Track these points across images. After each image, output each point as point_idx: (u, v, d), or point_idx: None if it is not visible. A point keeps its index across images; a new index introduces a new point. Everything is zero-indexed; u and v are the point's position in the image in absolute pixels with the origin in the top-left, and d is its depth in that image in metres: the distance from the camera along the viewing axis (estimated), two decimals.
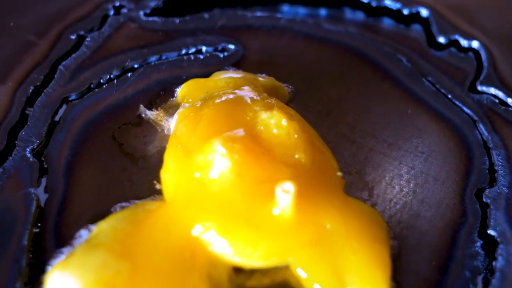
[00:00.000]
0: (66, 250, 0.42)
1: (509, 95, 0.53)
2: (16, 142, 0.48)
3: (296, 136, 0.45)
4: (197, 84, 0.52)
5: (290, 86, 0.53)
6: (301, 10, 0.61)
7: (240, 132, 0.44)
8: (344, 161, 0.48)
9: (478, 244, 0.44)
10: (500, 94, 0.53)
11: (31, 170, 0.46)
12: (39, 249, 0.42)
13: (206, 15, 0.59)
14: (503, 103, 0.53)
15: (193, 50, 0.56)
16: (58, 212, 0.44)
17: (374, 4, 0.60)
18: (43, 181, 0.46)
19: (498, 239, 0.44)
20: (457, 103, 0.53)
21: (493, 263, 0.43)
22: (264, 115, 0.45)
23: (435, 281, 0.43)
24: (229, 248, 0.41)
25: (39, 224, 0.43)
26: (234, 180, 0.42)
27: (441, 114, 0.52)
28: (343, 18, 0.60)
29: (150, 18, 0.58)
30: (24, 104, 0.50)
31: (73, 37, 0.56)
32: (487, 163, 0.49)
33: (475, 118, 0.52)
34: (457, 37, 0.58)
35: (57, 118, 0.50)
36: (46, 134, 0.49)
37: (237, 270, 0.42)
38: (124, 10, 0.59)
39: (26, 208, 0.44)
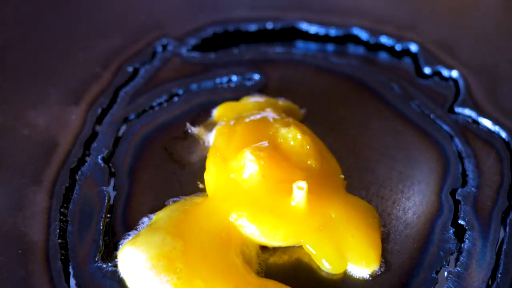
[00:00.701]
0: (132, 233, 0.48)
1: (480, 115, 0.59)
2: (89, 151, 0.54)
3: (308, 147, 0.51)
4: (230, 106, 0.58)
5: (304, 108, 0.59)
6: (313, 46, 0.66)
7: (265, 143, 0.50)
8: (346, 166, 0.53)
9: (451, 231, 0.50)
10: (473, 114, 0.59)
11: (102, 173, 0.53)
12: (111, 233, 0.49)
13: (236, 51, 0.65)
14: (475, 122, 0.59)
15: (225, 79, 0.61)
16: (125, 205, 0.51)
17: (372, 41, 0.66)
18: (112, 181, 0.52)
19: (466, 227, 0.50)
20: (437, 121, 0.58)
21: (462, 245, 0.49)
22: (283, 131, 0.51)
23: (416, 259, 0.49)
24: (257, 230, 0.47)
25: (109, 216, 0.50)
26: (261, 180, 0.48)
27: (425, 131, 0.58)
28: (347, 53, 0.66)
29: (191, 54, 0.64)
30: (94, 123, 0.57)
31: (130, 69, 0.62)
32: (461, 169, 0.55)
33: (452, 134, 0.58)
34: (439, 68, 0.63)
35: (120, 133, 0.56)
36: (112, 146, 0.55)
37: (263, 248, 0.48)
38: (170, 48, 0.64)
39: (100, 201, 0.51)
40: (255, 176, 0.49)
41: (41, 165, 0.53)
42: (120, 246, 0.48)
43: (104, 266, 0.47)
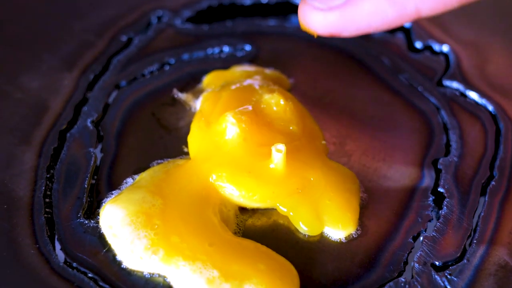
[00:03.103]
0: (115, 192, 0.49)
1: (468, 88, 0.60)
2: (80, 115, 0.55)
3: (290, 113, 0.52)
4: (218, 74, 0.59)
5: (292, 78, 0.60)
6: None
7: (248, 108, 0.51)
8: (330, 134, 0.55)
9: (430, 198, 0.51)
10: (461, 87, 0.60)
11: (91, 136, 0.54)
12: (96, 192, 0.50)
13: (230, 23, 0.66)
14: (462, 94, 0.60)
15: (217, 50, 0.63)
16: (110, 166, 0.52)
17: None
18: (100, 144, 0.54)
19: (446, 195, 0.51)
20: (425, 94, 0.59)
21: (440, 211, 0.50)
22: (266, 96, 0.52)
23: (393, 225, 0.49)
24: (235, 191, 0.48)
25: (95, 177, 0.51)
26: (241, 143, 0.49)
27: (411, 103, 0.59)
28: None
29: (185, 25, 0.65)
30: (86, 88, 0.58)
31: (124, 38, 0.63)
32: (445, 140, 0.56)
33: (439, 106, 0.58)
34: (431, 42, 0.64)
35: (110, 99, 0.57)
36: (102, 110, 0.56)
37: (243, 210, 0.49)
38: (165, 19, 0.65)
39: (87, 162, 0.52)
40: (236, 139, 0.50)
41: (31, 127, 0.54)
42: (103, 204, 0.49)
43: (86, 222, 0.48)
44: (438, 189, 0.52)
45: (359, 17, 0.44)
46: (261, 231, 0.49)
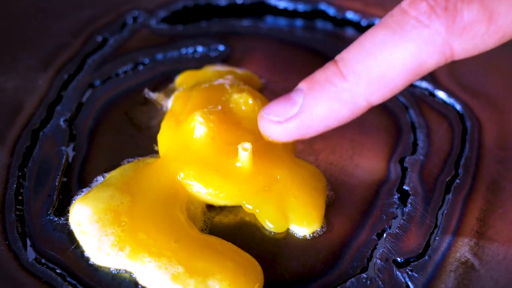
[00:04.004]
0: (86, 190, 0.50)
1: (437, 88, 0.61)
2: (53, 114, 0.56)
3: (259, 112, 0.50)
4: (191, 74, 0.59)
5: (263, 78, 0.61)
6: (282, 21, 0.68)
7: (217, 107, 0.52)
8: None
9: (396, 196, 0.52)
10: (430, 87, 0.61)
11: (63, 135, 0.54)
12: (66, 190, 0.51)
13: (204, 24, 0.67)
14: (431, 94, 0.60)
15: (190, 50, 0.63)
16: (82, 164, 0.52)
17: (339, 16, 0.68)
18: (72, 143, 0.54)
19: (410, 192, 0.52)
20: None
21: (404, 209, 0.51)
22: (235, 96, 0.53)
23: (358, 222, 0.50)
24: (203, 189, 0.49)
25: (67, 175, 0.52)
26: (209, 142, 0.50)
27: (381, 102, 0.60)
28: (315, 28, 0.68)
29: (160, 26, 0.66)
30: (60, 87, 0.58)
31: (99, 38, 0.64)
32: (412, 138, 0.56)
33: (407, 105, 0.59)
34: None
35: (84, 98, 0.58)
36: (75, 110, 0.57)
37: (210, 207, 0.50)
38: (140, 19, 0.66)
39: (58, 160, 0.52)
40: (204, 138, 0.50)
41: (5, 126, 0.55)
42: (73, 201, 0.50)
43: (56, 219, 0.49)
44: (404, 187, 0.53)
45: (316, 121, 0.46)
46: (228, 228, 0.50)
